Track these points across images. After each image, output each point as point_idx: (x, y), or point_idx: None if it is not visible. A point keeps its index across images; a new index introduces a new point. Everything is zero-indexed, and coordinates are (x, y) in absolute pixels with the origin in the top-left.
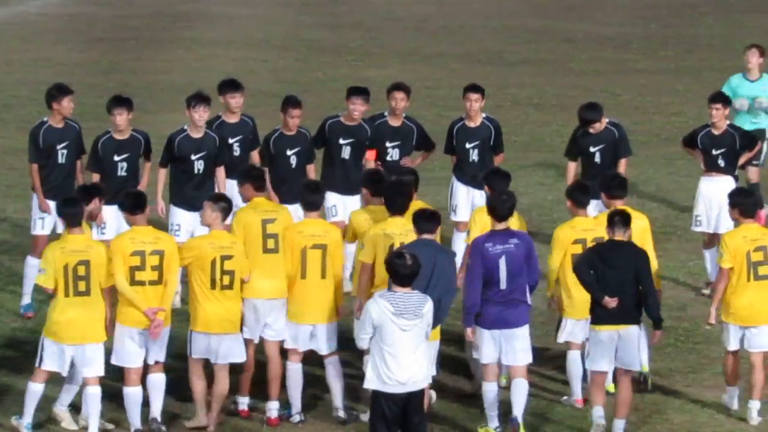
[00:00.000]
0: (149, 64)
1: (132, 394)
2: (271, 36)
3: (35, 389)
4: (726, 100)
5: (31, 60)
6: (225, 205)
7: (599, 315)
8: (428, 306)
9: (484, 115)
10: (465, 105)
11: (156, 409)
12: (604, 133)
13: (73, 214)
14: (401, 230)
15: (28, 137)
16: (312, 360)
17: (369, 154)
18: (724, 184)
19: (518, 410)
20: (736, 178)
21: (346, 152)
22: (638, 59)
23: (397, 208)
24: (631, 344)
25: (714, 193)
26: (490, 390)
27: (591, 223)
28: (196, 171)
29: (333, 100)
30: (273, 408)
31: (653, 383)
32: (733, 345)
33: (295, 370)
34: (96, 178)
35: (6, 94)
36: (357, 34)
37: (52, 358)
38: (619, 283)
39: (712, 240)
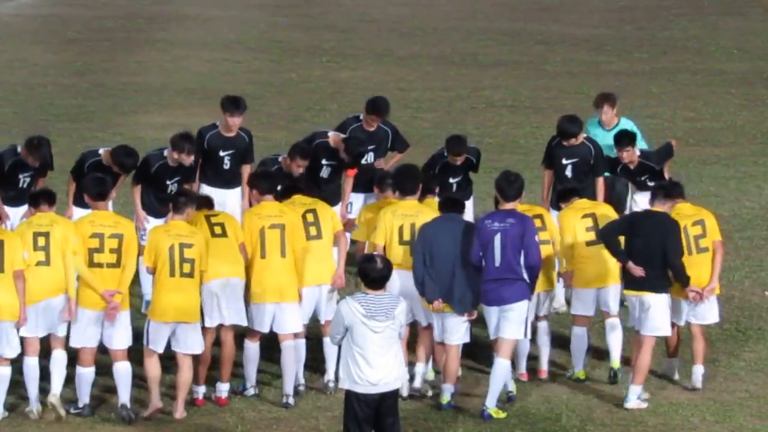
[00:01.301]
0: (123, 65)
1: (84, 374)
2: (245, 37)
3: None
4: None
5: (6, 61)
6: (183, 199)
7: (627, 279)
8: (401, 308)
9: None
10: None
11: (124, 397)
12: (580, 147)
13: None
14: (412, 211)
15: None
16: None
17: (350, 172)
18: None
19: (491, 400)
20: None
21: (325, 172)
22: (612, 61)
23: (408, 190)
24: (657, 310)
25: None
26: (502, 366)
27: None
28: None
29: (307, 102)
30: (224, 390)
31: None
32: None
33: (253, 348)
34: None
35: None
36: (331, 36)
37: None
38: (646, 251)
39: None
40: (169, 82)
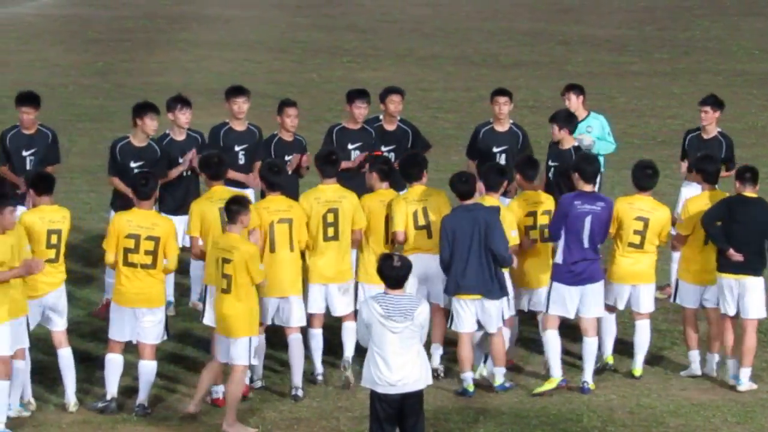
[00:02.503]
0: (144, 65)
1: (114, 360)
2: (266, 38)
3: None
4: (717, 103)
5: (27, 61)
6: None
7: (722, 263)
8: (421, 309)
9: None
10: (493, 109)
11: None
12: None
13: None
14: (421, 197)
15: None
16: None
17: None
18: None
19: (588, 375)
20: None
21: (353, 157)
22: (634, 62)
23: (414, 176)
24: (757, 293)
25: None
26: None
27: (542, 196)
28: (184, 174)
29: (328, 102)
30: (219, 391)
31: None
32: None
33: (261, 341)
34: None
35: (1, 96)
36: (352, 36)
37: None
38: (745, 236)
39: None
40: (189, 83)
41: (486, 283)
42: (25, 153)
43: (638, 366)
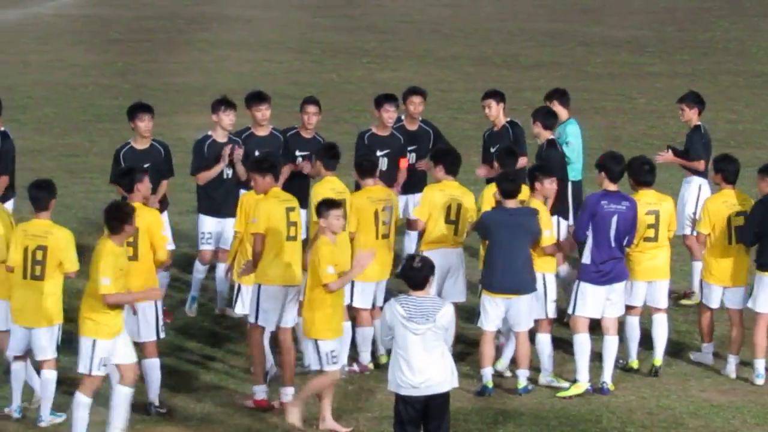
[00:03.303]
0: (165, 65)
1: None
2: (287, 38)
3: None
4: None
5: (47, 61)
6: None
7: (761, 263)
8: (444, 311)
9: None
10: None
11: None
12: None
13: (38, 198)
14: (458, 192)
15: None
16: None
17: (402, 162)
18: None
19: (608, 375)
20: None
21: (383, 164)
22: (654, 63)
23: (454, 171)
24: None
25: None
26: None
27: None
28: (225, 177)
29: (348, 103)
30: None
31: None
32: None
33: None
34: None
35: (22, 95)
36: (372, 37)
37: None
38: None
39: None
40: (210, 83)
41: (521, 282)
42: None
43: (659, 357)
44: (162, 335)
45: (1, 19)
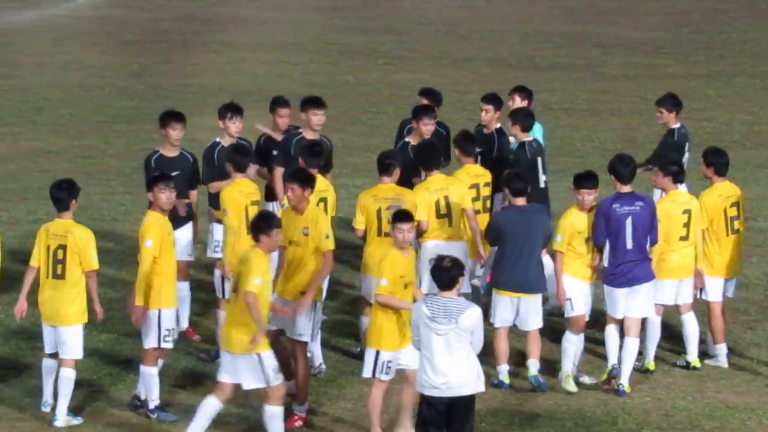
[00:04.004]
0: (180, 67)
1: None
2: (302, 40)
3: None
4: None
5: (63, 62)
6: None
7: None
8: (468, 313)
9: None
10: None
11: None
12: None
13: (59, 198)
14: (444, 185)
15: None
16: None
17: None
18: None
19: (625, 378)
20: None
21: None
22: (669, 64)
23: (432, 164)
24: None
25: None
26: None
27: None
28: None
29: (364, 104)
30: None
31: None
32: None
33: None
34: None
35: (38, 97)
36: (388, 38)
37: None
38: None
39: None
40: (225, 84)
41: (532, 281)
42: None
43: (694, 356)
44: (165, 345)
45: (16, 21)
